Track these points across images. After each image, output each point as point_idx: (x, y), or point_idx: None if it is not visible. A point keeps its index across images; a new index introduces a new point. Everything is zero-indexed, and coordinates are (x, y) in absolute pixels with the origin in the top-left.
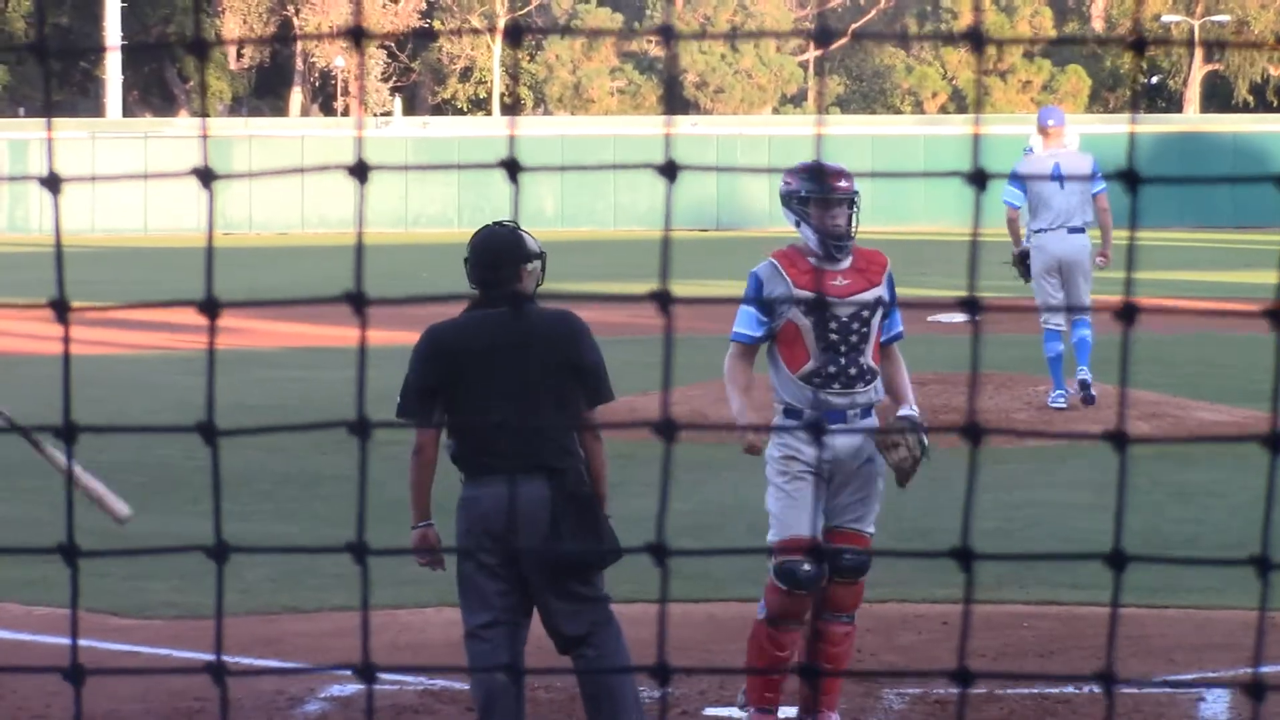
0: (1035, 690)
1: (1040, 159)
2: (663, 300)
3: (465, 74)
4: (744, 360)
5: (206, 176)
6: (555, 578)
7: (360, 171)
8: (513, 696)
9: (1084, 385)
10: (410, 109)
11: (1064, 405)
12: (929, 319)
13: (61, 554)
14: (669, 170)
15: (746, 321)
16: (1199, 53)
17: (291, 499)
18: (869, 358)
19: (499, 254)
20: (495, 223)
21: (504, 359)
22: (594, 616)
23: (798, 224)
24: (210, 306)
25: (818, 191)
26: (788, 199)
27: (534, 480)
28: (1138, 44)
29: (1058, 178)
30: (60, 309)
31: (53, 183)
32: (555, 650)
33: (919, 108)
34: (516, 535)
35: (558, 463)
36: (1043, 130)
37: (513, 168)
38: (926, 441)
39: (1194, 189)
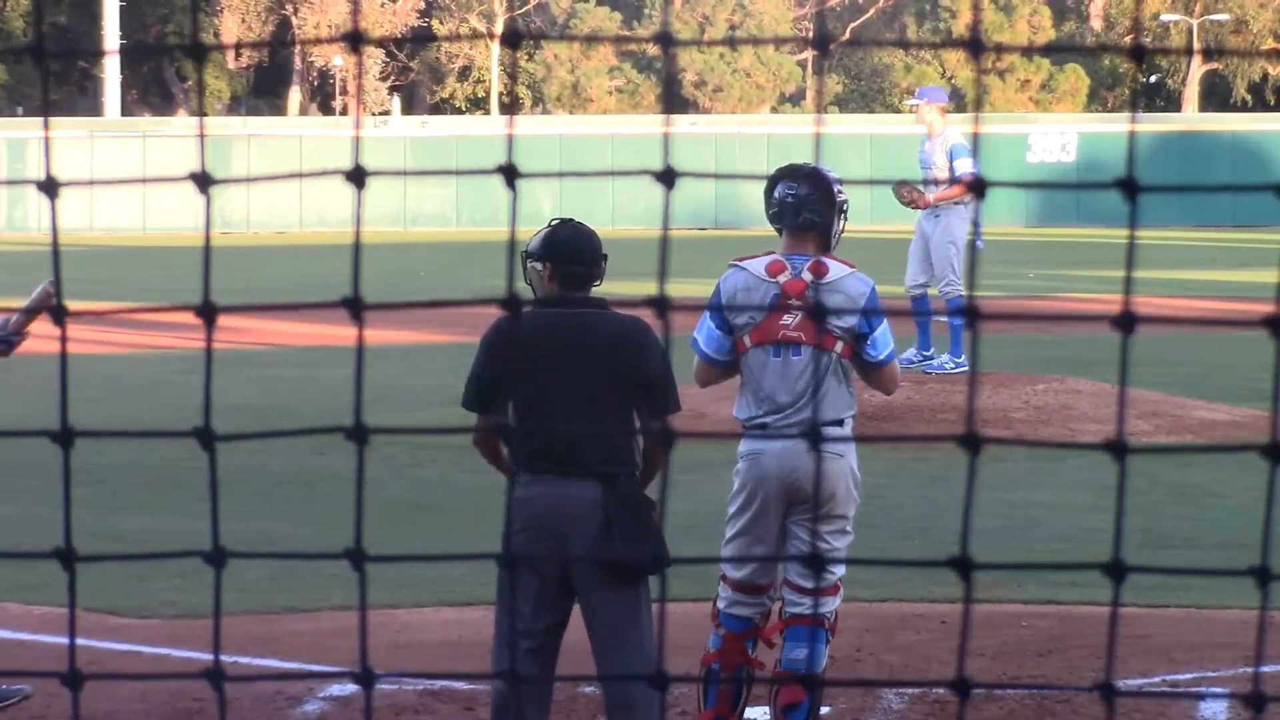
0: (1035, 690)
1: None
2: (661, 306)
3: (464, 73)
4: None
5: (204, 182)
6: (603, 581)
7: (357, 177)
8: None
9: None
10: (409, 108)
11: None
12: None
13: (59, 558)
14: (667, 177)
15: None
16: (1197, 55)
17: (290, 499)
18: None
19: (589, 251)
20: (571, 220)
21: (565, 361)
22: (636, 632)
23: (839, 236)
24: (207, 311)
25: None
26: (844, 209)
27: (585, 483)
28: (1137, 51)
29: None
30: (57, 314)
31: (50, 188)
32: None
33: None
34: (565, 537)
35: (610, 468)
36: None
37: (510, 174)
38: None
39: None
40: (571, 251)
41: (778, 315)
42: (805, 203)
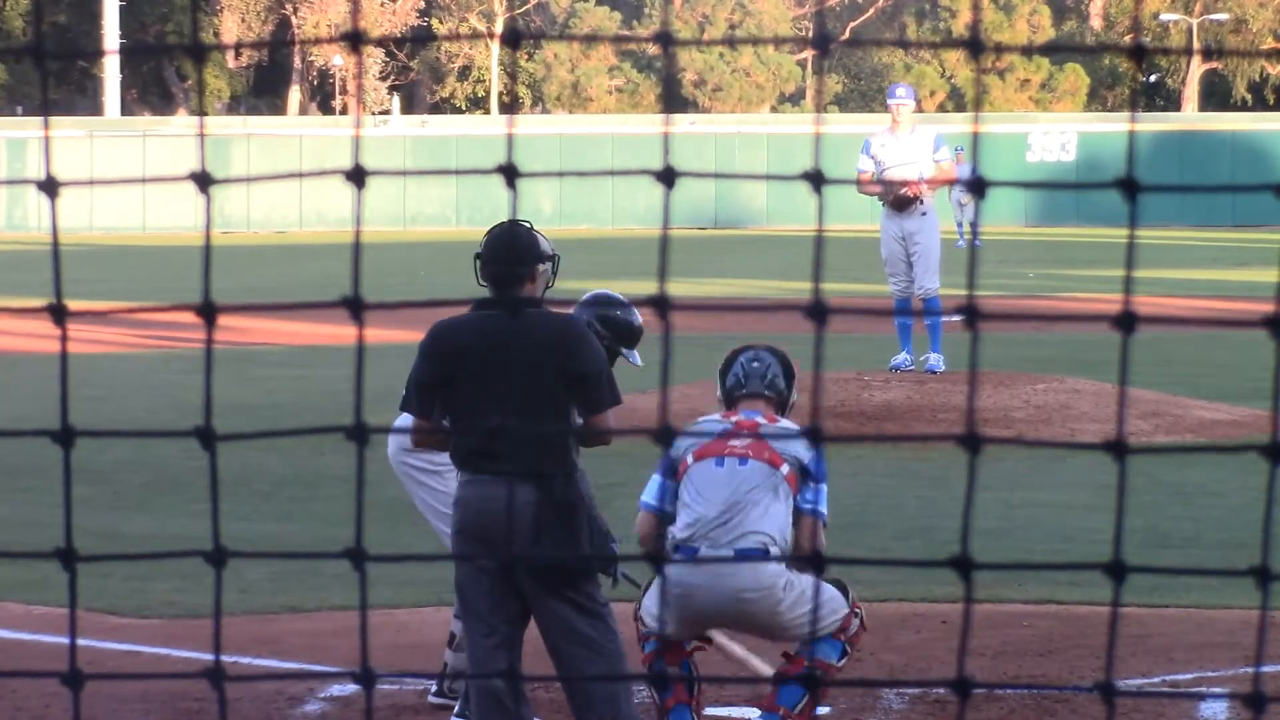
0: (1035, 690)
1: None
2: (661, 305)
3: (463, 73)
4: None
5: (204, 181)
6: (543, 584)
7: (358, 177)
8: (507, 708)
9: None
10: (408, 108)
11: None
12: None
13: (59, 558)
14: (667, 176)
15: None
16: (1197, 54)
17: (290, 499)
18: None
19: (514, 252)
20: (511, 220)
21: (500, 360)
22: (588, 630)
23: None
24: (207, 310)
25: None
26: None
27: (520, 484)
28: (1136, 51)
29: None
30: (58, 314)
31: (50, 187)
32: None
33: (917, 106)
34: (498, 538)
35: (547, 468)
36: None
37: (510, 173)
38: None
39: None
40: (489, 252)
41: (725, 438)
42: (769, 369)
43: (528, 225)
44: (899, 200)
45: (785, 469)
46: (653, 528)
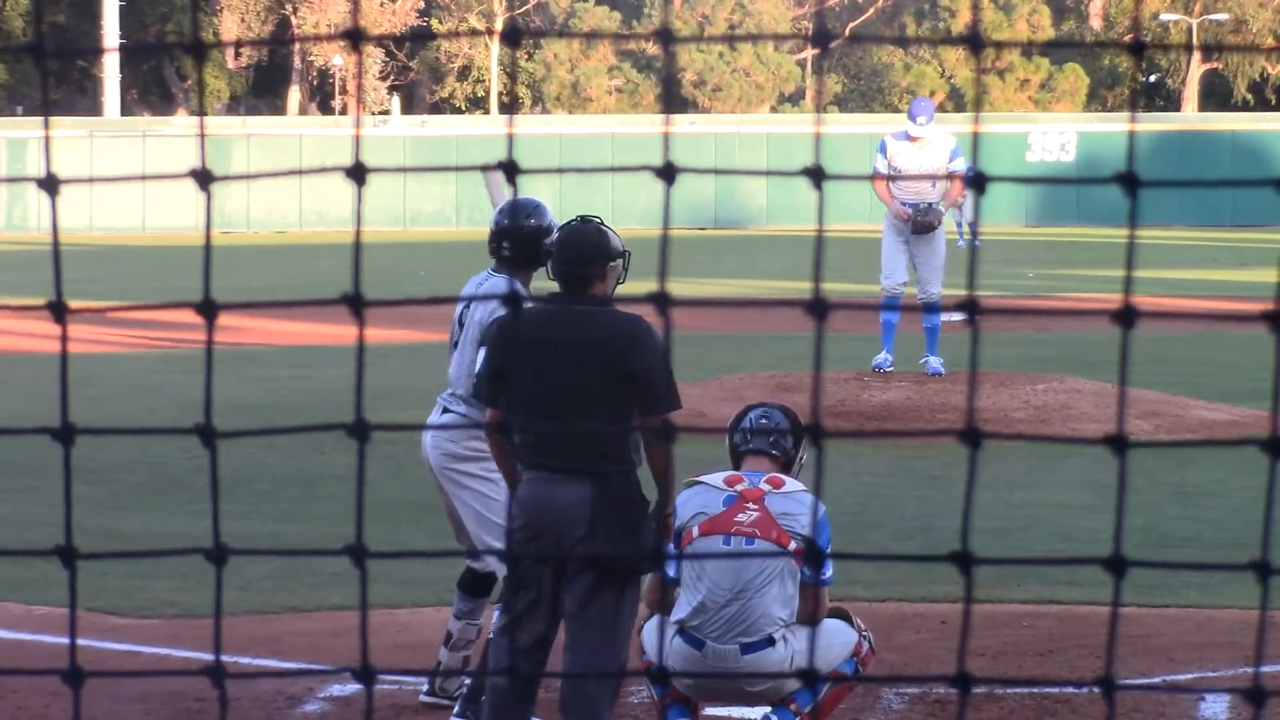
0: (1035, 689)
1: None
2: (661, 302)
3: (463, 73)
4: None
5: (204, 178)
6: (586, 576)
7: (358, 174)
8: (516, 704)
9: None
10: (408, 108)
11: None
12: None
13: (59, 556)
14: (667, 173)
15: None
16: (1197, 51)
17: (291, 499)
18: None
19: (583, 251)
20: (580, 218)
21: (560, 356)
22: (602, 624)
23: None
24: (208, 308)
25: None
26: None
27: (576, 481)
28: (1136, 47)
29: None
30: (58, 311)
31: (50, 184)
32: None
33: None
34: (553, 536)
35: (602, 466)
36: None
37: (510, 169)
38: None
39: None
40: (558, 251)
41: (732, 512)
42: (776, 428)
43: (598, 222)
44: (920, 225)
45: (792, 546)
46: (658, 593)
